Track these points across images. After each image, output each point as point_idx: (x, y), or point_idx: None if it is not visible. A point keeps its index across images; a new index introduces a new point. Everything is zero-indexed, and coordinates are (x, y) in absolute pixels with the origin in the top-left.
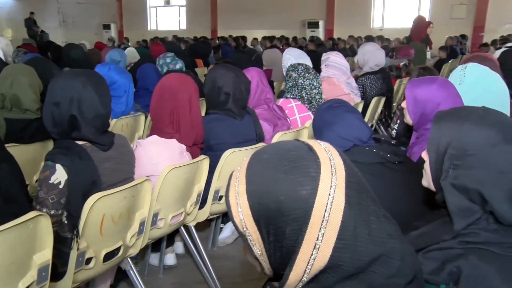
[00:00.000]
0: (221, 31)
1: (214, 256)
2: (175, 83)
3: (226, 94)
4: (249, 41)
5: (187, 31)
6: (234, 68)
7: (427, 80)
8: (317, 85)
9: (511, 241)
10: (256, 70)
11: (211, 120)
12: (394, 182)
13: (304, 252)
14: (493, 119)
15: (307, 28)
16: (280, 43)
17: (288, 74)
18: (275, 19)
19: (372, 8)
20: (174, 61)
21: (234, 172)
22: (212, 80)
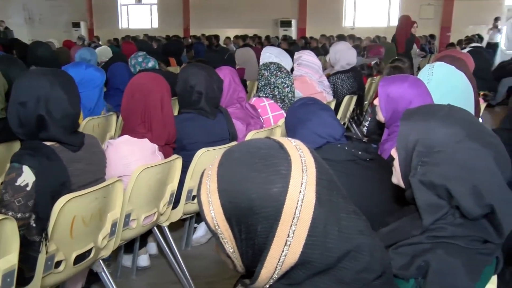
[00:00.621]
0: (193, 29)
1: (188, 256)
2: (146, 82)
3: (199, 93)
4: (222, 40)
5: (159, 30)
6: (207, 67)
7: (399, 78)
8: (289, 83)
9: (475, 234)
10: (229, 69)
11: (184, 119)
12: (365, 179)
13: (275, 249)
14: (458, 116)
15: (280, 27)
16: (253, 42)
17: (260, 73)
18: (248, 18)
19: (343, 8)
20: (146, 59)
21: (206, 170)
22: (184, 79)
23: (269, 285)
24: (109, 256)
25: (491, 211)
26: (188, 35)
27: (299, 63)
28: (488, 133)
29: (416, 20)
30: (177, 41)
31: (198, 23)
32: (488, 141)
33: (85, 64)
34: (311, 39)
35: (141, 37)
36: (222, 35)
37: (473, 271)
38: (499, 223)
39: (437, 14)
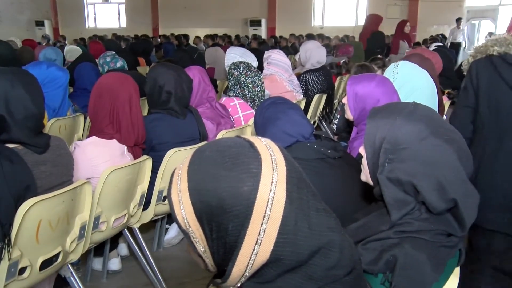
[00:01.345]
0: (162, 29)
1: (160, 257)
2: (114, 82)
3: (168, 93)
4: (191, 40)
5: (128, 29)
6: (176, 67)
7: (367, 77)
8: (259, 83)
9: (439, 228)
10: (198, 69)
11: (153, 119)
12: (334, 177)
13: (246, 247)
14: (422, 114)
15: (250, 26)
16: (223, 42)
17: (230, 72)
18: (217, 17)
19: (312, 7)
20: (114, 59)
21: (176, 169)
22: (153, 79)
23: (240, 283)
24: (78, 260)
25: (455, 205)
26: (157, 34)
27: (269, 62)
28: (451, 129)
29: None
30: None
31: (167, 23)
32: (451, 138)
33: (46, 63)
34: (280, 38)
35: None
36: (192, 34)
37: (437, 264)
38: (462, 216)
39: (403, 14)
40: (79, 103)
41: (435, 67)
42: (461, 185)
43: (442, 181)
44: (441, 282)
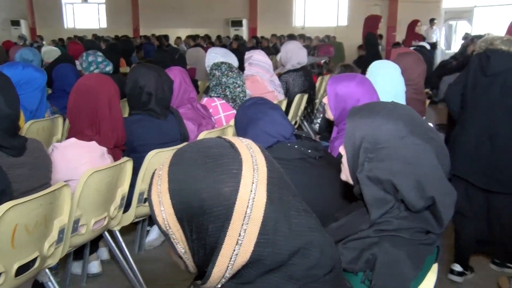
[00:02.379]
0: (143, 29)
1: (141, 260)
2: (94, 84)
3: (148, 94)
4: (172, 40)
5: (108, 30)
6: (156, 67)
7: (347, 77)
8: (240, 83)
9: (418, 226)
10: (179, 69)
11: (134, 121)
12: (315, 177)
13: (227, 248)
14: (401, 113)
15: (231, 27)
16: (204, 42)
17: (211, 73)
18: (198, 17)
19: (293, 8)
20: (105, 62)
21: (156, 170)
22: (134, 80)
23: (221, 284)
24: (57, 264)
25: (433, 203)
26: (137, 35)
27: (250, 62)
28: (429, 128)
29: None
30: (127, 41)
31: (148, 23)
32: (430, 136)
33: (21, 64)
34: (262, 39)
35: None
36: (173, 35)
37: (416, 261)
38: (440, 214)
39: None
40: (58, 104)
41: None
42: (439, 183)
43: (421, 179)
44: (419, 279)
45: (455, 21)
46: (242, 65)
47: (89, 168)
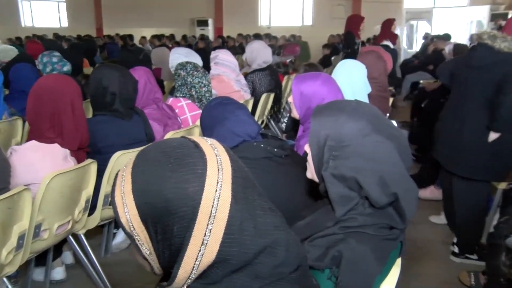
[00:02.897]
0: (107, 29)
1: (108, 263)
2: (55, 84)
3: (112, 95)
4: (137, 40)
5: (70, 29)
6: (120, 68)
7: (311, 76)
8: (206, 83)
9: (382, 222)
10: (144, 69)
11: (97, 121)
12: (281, 175)
13: (192, 249)
14: (364, 111)
15: (197, 26)
16: (170, 42)
17: (176, 73)
18: (163, 17)
19: (259, 7)
20: (62, 62)
21: (120, 171)
22: (97, 80)
23: (186, 285)
24: (17, 272)
25: (396, 199)
26: (101, 35)
27: (216, 62)
28: (391, 126)
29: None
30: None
31: (112, 23)
32: (392, 134)
33: None
34: (228, 38)
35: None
36: (138, 34)
37: (381, 257)
38: (402, 210)
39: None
40: (16, 106)
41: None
42: (401, 180)
43: (384, 176)
44: (384, 274)
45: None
46: (208, 64)
47: (51, 171)
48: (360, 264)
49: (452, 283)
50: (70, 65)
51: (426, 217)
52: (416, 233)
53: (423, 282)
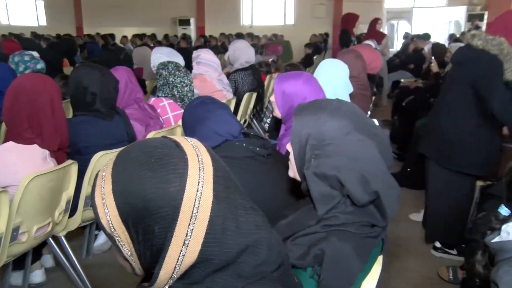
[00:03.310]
0: (87, 28)
1: (90, 265)
2: (33, 84)
3: (93, 94)
4: (118, 39)
5: (48, 28)
6: (100, 67)
7: (293, 75)
8: (188, 82)
9: (364, 220)
10: (125, 69)
11: (78, 122)
12: (264, 174)
13: (174, 249)
14: (346, 110)
15: (179, 26)
16: (151, 41)
17: (158, 72)
18: (145, 16)
19: (241, 6)
20: (34, 60)
21: (100, 172)
22: (77, 80)
23: (168, 286)
24: None
25: (377, 197)
26: (81, 34)
27: (198, 61)
28: (372, 124)
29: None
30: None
31: (92, 22)
32: (373, 132)
33: None
34: (210, 38)
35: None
36: (119, 34)
37: (362, 254)
38: (384, 208)
39: (329, 13)
40: None
41: (374, 65)
42: (383, 178)
43: (365, 174)
44: (365, 271)
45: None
46: (190, 64)
47: (30, 172)
48: (342, 262)
49: (433, 278)
50: (44, 63)
51: (407, 215)
52: (397, 230)
53: (404, 278)
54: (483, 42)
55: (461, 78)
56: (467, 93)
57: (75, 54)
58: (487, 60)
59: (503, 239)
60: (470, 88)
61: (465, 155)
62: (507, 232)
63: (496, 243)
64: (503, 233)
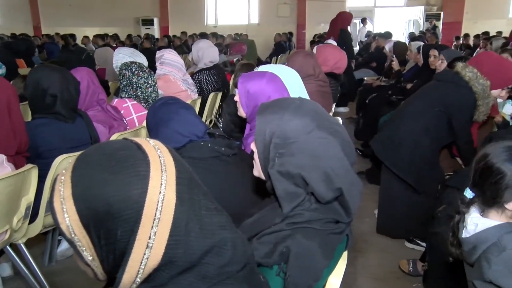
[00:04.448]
0: (45, 28)
1: (52, 272)
2: None
3: (53, 96)
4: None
5: (3, 27)
6: (60, 68)
7: (257, 74)
8: (152, 83)
9: (328, 217)
10: (86, 70)
11: (38, 125)
12: (229, 174)
13: (137, 252)
14: (308, 108)
15: (142, 26)
16: (114, 41)
17: (121, 73)
18: (107, 16)
19: (205, 6)
20: None
21: (59, 176)
22: (35, 81)
23: None
24: None
25: (341, 194)
26: (39, 33)
27: (162, 62)
28: (334, 122)
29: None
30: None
31: (51, 21)
32: (335, 130)
33: None
34: (174, 38)
35: None
36: (80, 34)
37: (327, 250)
38: (347, 204)
39: (293, 13)
40: None
41: (339, 65)
42: (345, 175)
43: (328, 171)
44: (331, 267)
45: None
46: (154, 64)
47: None
48: (308, 259)
49: (397, 272)
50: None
51: (372, 210)
52: (363, 226)
53: (369, 273)
54: (472, 76)
55: (436, 94)
56: (434, 110)
57: (32, 54)
58: (467, 94)
59: (474, 232)
60: (440, 107)
61: (401, 158)
62: (475, 224)
63: (472, 237)
64: (469, 226)
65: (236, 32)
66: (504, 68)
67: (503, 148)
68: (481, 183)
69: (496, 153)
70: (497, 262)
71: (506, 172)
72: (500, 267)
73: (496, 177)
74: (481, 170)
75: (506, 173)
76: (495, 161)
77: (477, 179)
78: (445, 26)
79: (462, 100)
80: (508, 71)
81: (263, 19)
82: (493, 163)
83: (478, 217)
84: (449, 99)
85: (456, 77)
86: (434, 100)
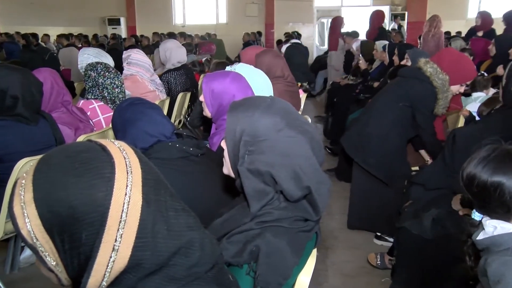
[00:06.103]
0: (4, 27)
1: (15, 280)
2: None
3: (14, 98)
4: None
5: None
6: (20, 69)
7: (221, 74)
8: (119, 83)
9: (297, 215)
10: (49, 71)
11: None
12: (198, 174)
13: (103, 256)
14: (279, 107)
15: (108, 25)
16: (79, 42)
17: (86, 73)
18: (72, 15)
19: (172, 5)
20: None
21: (19, 180)
22: None
23: None
24: None
25: (309, 192)
26: None
27: (129, 62)
28: (304, 121)
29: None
30: None
31: (10, 19)
32: (305, 129)
33: None
34: (141, 37)
35: None
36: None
37: (297, 248)
38: (316, 202)
39: (261, 12)
40: None
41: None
42: (314, 173)
43: (297, 170)
44: (300, 265)
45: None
46: (120, 64)
47: None
48: (277, 257)
49: (366, 267)
50: None
51: (342, 208)
52: (333, 223)
53: (339, 269)
54: (433, 71)
55: (400, 90)
56: (399, 105)
57: None
58: (429, 88)
59: (491, 234)
60: (405, 102)
61: (371, 154)
62: (493, 227)
63: (486, 239)
64: (488, 228)
65: (204, 32)
66: (462, 64)
67: (481, 163)
68: (486, 204)
69: (479, 170)
70: (497, 262)
71: (502, 181)
72: (496, 267)
73: (496, 192)
74: (479, 193)
75: (502, 182)
76: (485, 177)
77: (481, 202)
78: (409, 25)
79: (424, 94)
80: (466, 66)
81: (231, 19)
82: (485, 181)
83: (497, 221)
84: (412, 93)
85: (418, 72)
86: (399, 96)
